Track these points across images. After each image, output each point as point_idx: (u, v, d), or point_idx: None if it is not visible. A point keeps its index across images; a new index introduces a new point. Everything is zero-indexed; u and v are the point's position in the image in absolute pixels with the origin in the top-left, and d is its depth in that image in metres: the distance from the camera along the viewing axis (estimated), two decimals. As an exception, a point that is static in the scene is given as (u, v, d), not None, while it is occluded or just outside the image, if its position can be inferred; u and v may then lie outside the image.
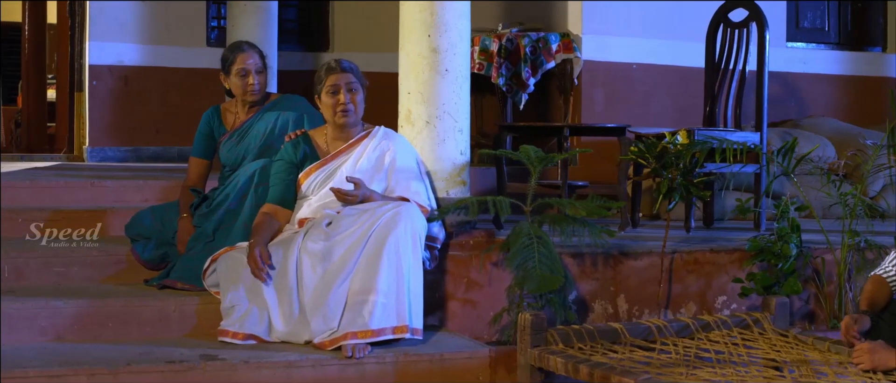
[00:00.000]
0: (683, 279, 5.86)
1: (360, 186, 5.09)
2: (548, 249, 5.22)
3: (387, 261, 4.88)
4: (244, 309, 4.94)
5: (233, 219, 5.41)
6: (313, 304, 4.89)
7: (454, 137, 5.58)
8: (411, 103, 5.58)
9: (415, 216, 5.05)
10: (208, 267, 5.15)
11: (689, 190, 5.60)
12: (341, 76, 5.25)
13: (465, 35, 5.62)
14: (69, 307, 4.96)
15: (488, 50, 7.80)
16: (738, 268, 5.94)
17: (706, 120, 7.17)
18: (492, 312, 5.48)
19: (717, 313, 5.80)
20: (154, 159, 9.61)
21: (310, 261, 4.94)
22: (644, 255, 5.81)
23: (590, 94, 8.03)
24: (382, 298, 4.85)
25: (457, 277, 5.52)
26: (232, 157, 5.74)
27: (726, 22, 7.17)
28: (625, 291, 5.77)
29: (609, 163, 7.28)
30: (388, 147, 5.33)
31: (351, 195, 5.07)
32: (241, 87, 5.71)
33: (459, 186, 5.60)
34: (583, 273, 5.70)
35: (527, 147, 5.44)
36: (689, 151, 5.56)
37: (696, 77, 7.65)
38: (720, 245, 6.04)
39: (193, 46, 9.91)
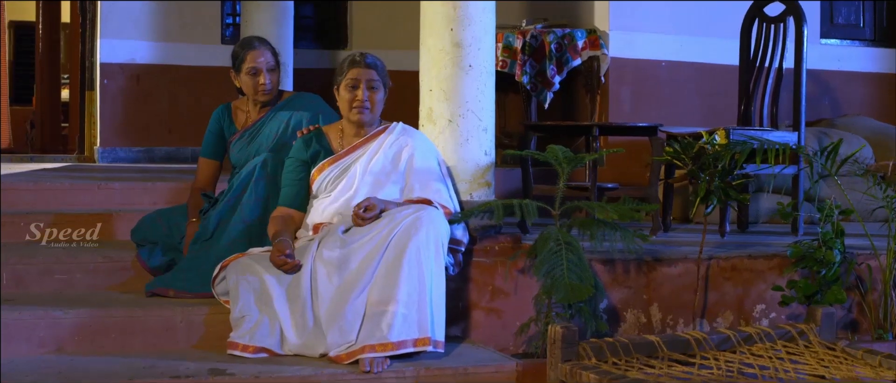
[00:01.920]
0: (720, 286, 5.61)
1: (374, 207, 4.82)
2: (577, 255, 4.95)
3: (407, 268, 4.63)
4: (255, 320, 4.69)
5: (231, 216, 5.18)
6: (329, 316, 4.64)
7: (478, 137, 5.34)
8: (433, 101, 5.34)
9: (437, 219, 4.79)
10: (217, 274, 4.90)
11: (728, 193, 5.30)
12: (363, 71, 5.02)
13: (490, 29, 5.39)
14: (69, 317, 4.72)
15: (512, 47, 7.65)
16: (777, 275, 5.67)
17: (741, 119, 6.95)
18: (518, 322, 5.24)
19: (755, 322, 5.58)
20: (167, 160, 9.52)
21: (325, 270, 4.69)
22: (679, 261, 5.55)
23: (617, 93, 7.88)
24: (403, 309, 4.59)
25: (481, 285, 5.27)
26: (242, 158, 5.50)
27: (762, 17, 6.94)
28: (658, 300, 5.51)
29: (636, 164, 7.20)
30: (405, 143, 5.09)
31: (369, 219, 4.79)
32: (252, 86, 5.47)
33: (483, 188, 5.37)
34: (614, 280, 5.45)
35: (555, 147, 5.18)
36: (728, 152, 5.27)
37: (726, 75, 7.56)
38: (758, 250, 5.78)
39: (208, 44, 9.80)
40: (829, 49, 8.92)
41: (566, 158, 5.13)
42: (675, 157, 5.43)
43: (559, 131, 7.00)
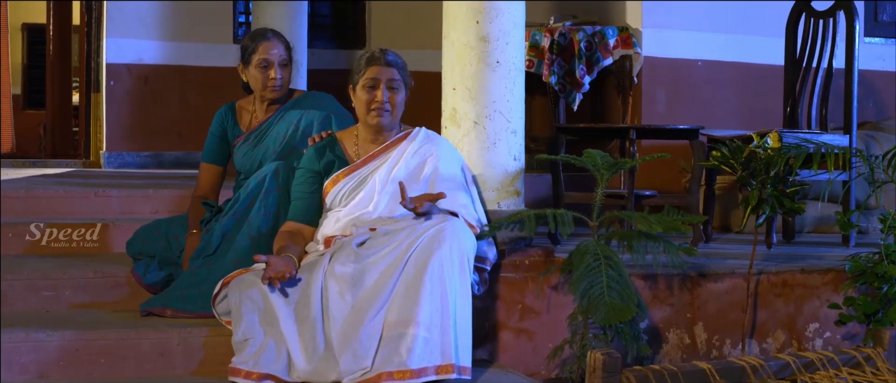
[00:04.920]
0: (770, 304, 5.24)
1: (422, 203, 4.43)
2: (618, 271, 4.54)
3: (429, 286, 4.21)
4: (259, 343, 4.26)
5: (237, 230, 4.77)
6: (342, 338, 4.22)
7: (506, 140, 4.94)
8: (456, 100, 4.96)
9: (462, 233, 4.37)
10: (219, 291, 4.49)
11: (782, 202, 4.85)
12: (383, 70, 4.64)
13: (520, 22, 5.00)
14: (54, 340, 4.32)
15: (539, 46, 7.37)
16: (832, 292, 5.30)
17: (787, 122, 6.62)
18: (550, 344, 4.87)
19: (808, 343, 5.24)
20: (176, 165, 9.26)
21: (337, 288, 4.27)
22: (725, 276, 5.17)
23: (650, 94, 7.58)
24: (424, 332, 4.18)
25: (510, 303, 4.90)
26: (247, 163, 5.11)
27: (809, 12, 6.60)
28: (703, 318, 5.14)
29: (670, 169, 6.95)
30: (430, 152, 4.68)
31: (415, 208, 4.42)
32: (261, 81, 5.08)
33: (512, 197, 4.98)
34: (655, 297, 5.08)
35: (592, 151, 4.78)
36: (782, 157, 4.82)
37: (766, 75, 7.42)
38: (811, 264, 5.41)
39: (219, 43, 9.53)
40: (873, 48, 8.54)
41: (605, 164, 4.71)
42: (723, 162, 4.99)
43: (592, 134, 6.70)
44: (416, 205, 4.39)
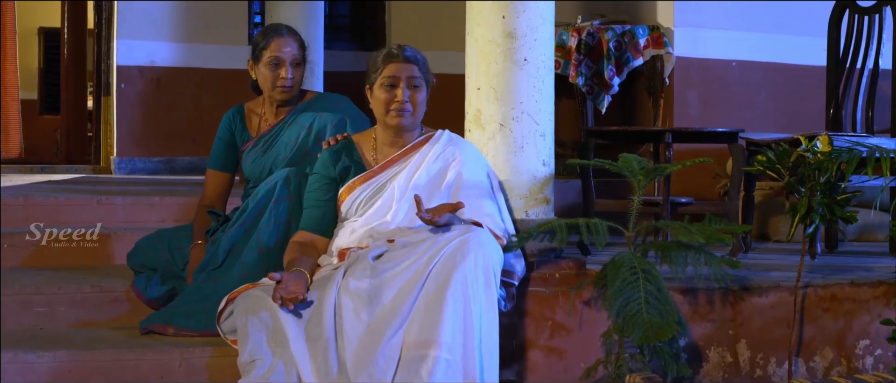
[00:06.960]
0: (817, 319, 4.94)
1: (441, 213, 4.19)
2: (657, 286, 4.27)
3: (452, 304, 3.94)
4: (267, 364, 3.99)
5: (245, 242, 4.53)
6: (357, 360, 3.96)
7: (535, 143, 4.70)
8: (481, 101, 4.70)
9: (488, 245, 4.10)
10: (224, 308, 4.23)
11: (833, 210, 4.53)
12: (403, 67, 4.39)
13: (549, 17, 4.74)
14: (45, 361, 4.08)
15: (566, 45, 7.23)
16: (884, 306, 5.00)
17: (830, 124, 6.37)
18: (583, 364, 4.61)
19: (858, 361, 4.94)
20: (190, 171, 9.11)
21: (352, 305, 4.01)
22: (770, 290, 4.87)
23: (683, 96, 7.43)
24: (446, 353, 3.91)
25: (539, 320, 4.64)
26: (257, 170, 4.87)
27: (853, 8, 6.38)
28: (747, 335, 4.84)
29: (703, 174, 6.80)
30: (453, 157, 4.43)
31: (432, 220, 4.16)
32: (271, 79, 4.86)
33: (542, 205, 4.72)
34: (695, 313, 4.78)
35: (628, 156, 4.50)
36: (833, 162, 4.50)
37: (804, 76, 7.35)
38: (860, 276, 5.12)
39: (234, 45, 9.41)
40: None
41: (643, 170, 4.41)
42: (768, 168, 4.69)
43: (624, 137, 6.46)
44: (434, 215, 4.11)
